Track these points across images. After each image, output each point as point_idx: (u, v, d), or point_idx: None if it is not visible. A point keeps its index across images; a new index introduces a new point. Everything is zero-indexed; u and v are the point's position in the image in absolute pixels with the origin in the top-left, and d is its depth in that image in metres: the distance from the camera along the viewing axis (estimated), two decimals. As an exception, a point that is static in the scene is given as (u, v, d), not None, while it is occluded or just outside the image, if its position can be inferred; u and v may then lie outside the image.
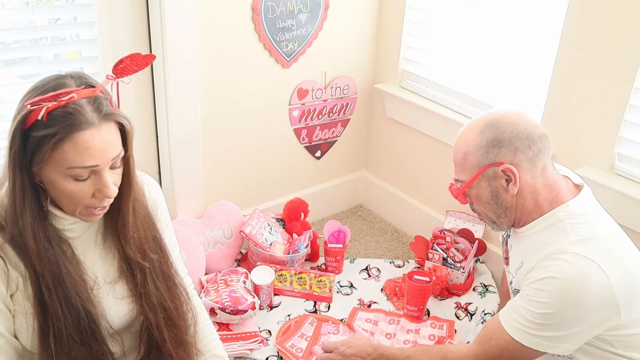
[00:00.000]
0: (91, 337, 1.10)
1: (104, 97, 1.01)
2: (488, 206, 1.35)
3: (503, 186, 1.30)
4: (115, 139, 1.01)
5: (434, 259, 2.06)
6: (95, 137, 0.97)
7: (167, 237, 1.28)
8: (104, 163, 1.00)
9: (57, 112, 0.95)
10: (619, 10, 1.57)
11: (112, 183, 1.02)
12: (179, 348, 1.25)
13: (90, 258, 1.15)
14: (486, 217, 1.39)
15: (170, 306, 1.23)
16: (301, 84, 2.20)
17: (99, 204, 1.04)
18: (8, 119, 1.65)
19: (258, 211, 2.17)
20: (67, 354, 1.08)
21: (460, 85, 2.10)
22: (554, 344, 1.24)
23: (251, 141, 2.17)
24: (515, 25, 1.86)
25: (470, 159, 1.31)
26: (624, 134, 1.66)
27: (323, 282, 2.01)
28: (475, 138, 1.30)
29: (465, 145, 1.32)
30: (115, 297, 1.18)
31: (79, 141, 0.96)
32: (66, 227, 1.10)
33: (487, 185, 1.32)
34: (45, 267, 1.04)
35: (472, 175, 1.32)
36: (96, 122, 0.97)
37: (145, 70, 1.85)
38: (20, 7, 1.58)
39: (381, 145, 2.50)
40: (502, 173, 1.28)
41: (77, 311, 1.08)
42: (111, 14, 1.69)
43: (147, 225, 1.19)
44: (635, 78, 1.58)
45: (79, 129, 0.96)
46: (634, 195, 1.61)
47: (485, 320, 1.83)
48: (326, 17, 2.14)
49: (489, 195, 1.33)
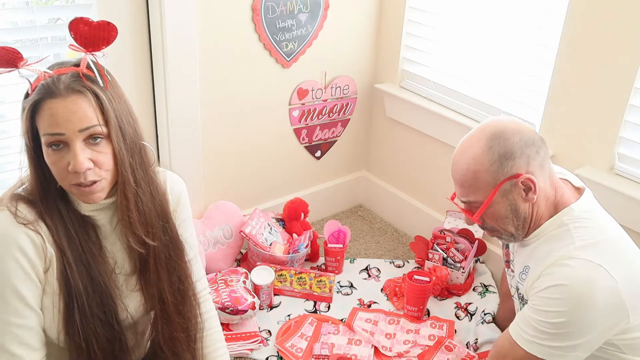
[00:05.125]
0: (114, 317, 1.15)
1: (87, 73, 1.06)
2: (507, 220, 1.30)
3: (522, 196, 1.27)
4: (83, 110, 1.03)
5: (434, 259, 2.06)
6: (59, 106, 1.02)
7: (186, 233, 1.29)
8: (69, 132, 1.02)
9: (38, 85, 1.04)
10: (619, 10, 1.57)
11: (83, 157, 1.03)
12: (171, 343, 1.26)
13: (110, 248, 1.19)
14: (504, 232, 1.33)
15: (169, 300, 1.23)
16: (301, 84, 2.20)
17: (76, 179, 1.05)
18: (8, 119, 1.66)
19: (258, 211, 2.17)
20: (93, 331, 1.12)
21: (460, 85, 2.10)
22: (566, 353, 1.22)
23: (251, 141, 2.17)
24: (516, 25, 1.86)
25: (483, 177, 1.26)
26: (624, 134, 1.66)
27: (323, 282, 2.01)
28: (484, 155, 1.25)
29: (474, 164, 1.26)
30: (129, 289, 1.21)
31: (46, 108, 1.02)
32: (89, 213, 1.15)
33: (505, 200, 1.27)
34: (70, 245, 1.10)
35: (489, 194, 1.26)
36: (63, 93, 1.02)
37: (145, 70, 1.85)
38: (20, 7, 1.58)
39: (381, 145, 2.50)
40: (522, 184, 1.25)
41: (101, 290, 1.13)
42: (111, 14, 1.69)
43: (152, 214, 1.18)
44: (635, 78, 1.58)
45: (48, 97, 1.02)
46: (634, 195, 1.61)
47: (486, 321, 1.83)
48: (326, 17, 2.14)
49: (508, 209, 1.28)
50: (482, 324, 1.84)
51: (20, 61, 1.05)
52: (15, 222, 1.05)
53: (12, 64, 1.05)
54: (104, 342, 1.14)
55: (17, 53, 1.04)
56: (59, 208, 1.11)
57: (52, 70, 1.05)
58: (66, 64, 1.08)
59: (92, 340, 1.12)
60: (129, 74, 1.82)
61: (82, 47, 1.07)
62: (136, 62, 1.83)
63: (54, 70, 1.05)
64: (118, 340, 1.17)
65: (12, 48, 1.04)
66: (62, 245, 1.09)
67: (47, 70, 1.05)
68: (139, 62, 1.84)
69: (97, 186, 1.08)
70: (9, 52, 1.03)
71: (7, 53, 1.03)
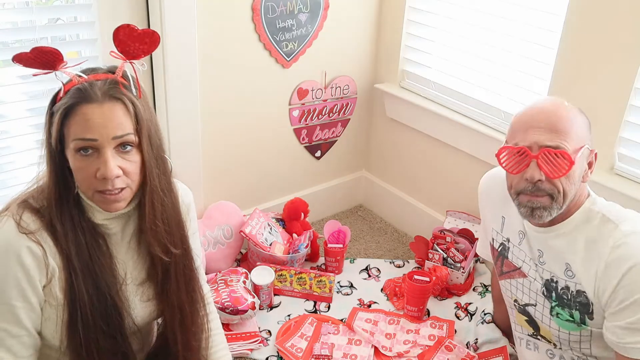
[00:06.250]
0: (117, 329, 1.14)
1: (122, 81, 1.06)
2: (572, 187, 1.24)
3: (586, 169, 1.28)
4: (119, 118, 1.03)
5: (434, 259, 2.06)
6: (95, 112, 1.01)
7: (195, 243, 1.30)
8: (103, 139, 1.02)
9: (72, 90, 1.03)
10: (619, 10, 1.57)
11: (114, 164, 1.03)
12: (187, 352, 1.27)
13: (122, 257, 1.18)
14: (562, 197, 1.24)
15: (187, 310, 1.25)
16: (301, 84, 2.20)
17: (103, 185, 1.05)
18: (8, 119, 1.66)
19: (258, 211, 2.17)
20: (95, 343, 1.11)
21: (460, 85, 2.10)
22: None
23: (251, 141, 2.17)
24: (516, 25, 1.86)
25: (577, 130, 1.24)
26: (624, 134, 1.66)
27: (323, 282, 2.01)
28: (579, 115, 1.26)
29: (572, 115, 1.25)
30: (141, 299, 1.21)
31: (80, 113, 1.01)
32: (102, 222, 1.14)
33: (581, 165, 1.26)
34: (78, 254, 1.09)
35: (578, 147, 1.23)
36: (100, 99, 1.02)
37: (145, 70, 1.85)
38: (20, 7, 1.58)
39: (381, 145, 2.50)
40: (591, 158, 1.27)
41: (106, 301, 1.12)
42: (111, 14, 1.69)
43: (173, 223, 1.19)
44: (635, 78, 1.58)
45: (83, 102, 1.01)
46: (634, 195, 1.61)
47: (486, 321, 1.83)
48: (326, 17, 2.14)
49: (579, 175, 1.25)
50: (482, 324, 1.84)
51: (60, 63, 1.03)
52: (18, 232, 1.05)
53: (51, 66, 1.03)
54: (106, 353, 1.14)
55: (59, 55, 1.02)
56: (72, 215, 1.09)
57: (87, 76, 1.04)
58: (99, 70, 1.07)
59: (93, 351, 1.12)
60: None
61: (122, 55, 1.07)
62: (136, 62, 1.83)
63: (88, 75, 1.05)
64: (121, 352, 1.17)
65: (54, 49, 1.02)
66: (69, 254, 1.08)
67: (82, 75, 1.04)
68: (138, 62, 1.84)
69: (122, 195, 1.07)
70: (51, 54, 1.02)
71: (48, 54, 1.02)
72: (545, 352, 1.47)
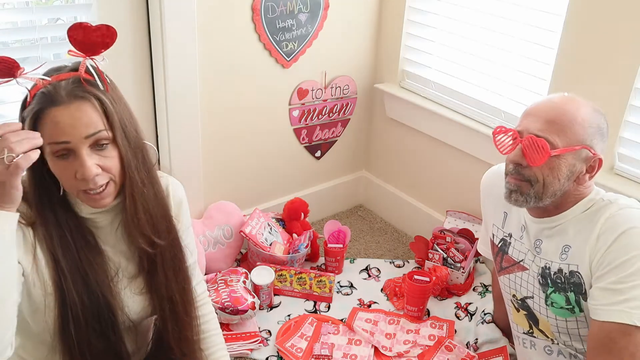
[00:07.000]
0: (110, 328, 1.14)
1: (86, 77, 1.04)
2: (555, 181, 1.26)
3: (581, 173, 1.27)
4: (88, 117, 1.02)
5: (434, 259, 2.06)
6: (63, 114, 1.00)
7: (187, 240, 1.29)
8: (75, 140, 1.01)
9: (37, 94, 1.01)
10: (619, 10, 1.57)
11: (91, 163, 1.02)
12: (182, 343, 1.26)
13: (112, 250, 1.18)
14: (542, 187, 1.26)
15: (178, 299, 1.24)
16: (301, 84, 2.20)
17: (85, 185, 1.04)
18: (8, 119, 1.66)
19: (258, 211, 2.17)
20: (88, 343, 1.10)
21: (460, 85, 2.10)
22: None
23: (251, 141, 2.17)
24: (516, 25, 1.86)
25: (576, 129, 1.23)
26: (624, 134, 1.66)
27: (323, 282, 2.01)
28: (589, 114, 1.25)
29: (577, 113, 1.24)
30: (133, 292, 1.20)
31: (49, 117, 1.00)
32: (89, 216, 1.13)
33: (572, 164, 1.25)
34: (66, 256, 1.08)
35: (570, 146, 1.23)
36: (65, 100, 1.00)
37: (145, 70, 1.85)
38: (20, 7, 1.58)
39: (381, 145, 2.50)
40: (592, 163, 1.27)
41: (97, 299, 1.11)
42: (111, 14, 1.69)
43: (157, 214, 1.18)
44: (635, 78, 1.58)
45: (50, 105, 1.00)
46: (634, 195, 1.60)
47: (486, 321, 1.83)
48: (326, 17, 2.14)
49: (566, 173, 1.25)
50: (482, 324, 1.84)
51: (17, 70, 1.01)
52: None
53: (10, 74, 1.02)
54: (99, 352, 1.13)
55: (14, 62, 1.01)
56: (57, 216, 1.08)
57: (50, 77, 1.02)
58: (63, 69, 1.05)
59: (85, 350, 1.11)
60: (129, 74, 1.82)
61: (81, 52, 1.06)
62: (136, 62, 1.83)
63: (51, 76, 1.02)
64: (114, 351, 1.16)
65: (8, 57, 1.01)
66: (56, 257, 1.07)
67: (45, 77, 1.02)
68: (138, 62, 1.83)
69: (107, 191, 1.07)
70: (6, 62, 1.00)
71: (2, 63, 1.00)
72: (543, 348, 1.47)
